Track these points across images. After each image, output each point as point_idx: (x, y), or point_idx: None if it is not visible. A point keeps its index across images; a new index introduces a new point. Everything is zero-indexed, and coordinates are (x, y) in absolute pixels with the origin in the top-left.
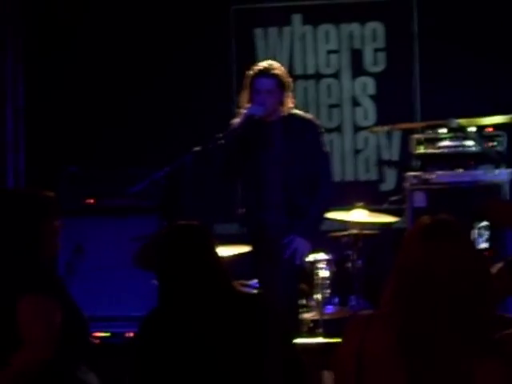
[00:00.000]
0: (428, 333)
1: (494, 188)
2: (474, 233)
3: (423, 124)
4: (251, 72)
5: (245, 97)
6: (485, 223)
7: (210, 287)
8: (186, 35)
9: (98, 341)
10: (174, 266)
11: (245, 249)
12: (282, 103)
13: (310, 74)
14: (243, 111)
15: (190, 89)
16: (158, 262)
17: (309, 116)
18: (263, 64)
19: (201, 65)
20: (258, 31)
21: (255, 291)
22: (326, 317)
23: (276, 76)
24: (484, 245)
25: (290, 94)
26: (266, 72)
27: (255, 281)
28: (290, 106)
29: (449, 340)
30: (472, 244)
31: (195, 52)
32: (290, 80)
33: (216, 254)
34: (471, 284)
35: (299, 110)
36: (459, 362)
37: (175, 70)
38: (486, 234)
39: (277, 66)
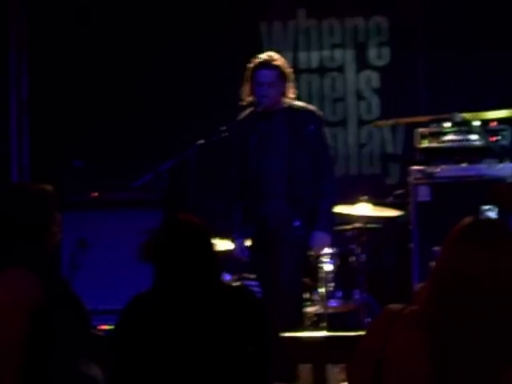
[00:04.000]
0: (459, 335)
1: (498, 182)
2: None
3: (427, 118)
4: (252, 64)
5: (246, 89)
6: (490, 206)
7: (198, 282)
8: (191, 30)
9: (102, 333)
10: (168, 259)
11: (246, 242)
12: (283, 94)
13: (315, 68)
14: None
15: (194, 83)
16: (153, 253)
17: (311, 107)
18: (263, 56)
19: (205, 58)
20: (263, 25)
21: (240, 284)
22: (329, 310)
23: (277, 67)
24: None
25: (292, 84)
26: (266, 64)
27: (254, 275)
28: (292, 96)
29: (479, 345)
30: None
31: (199, 46)
32: (290, 70)
33: (211, 250)
34: (509, 288)
35: (302, 101)
36: (486, 368)
37: (179, 64)
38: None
39: (277, 58)
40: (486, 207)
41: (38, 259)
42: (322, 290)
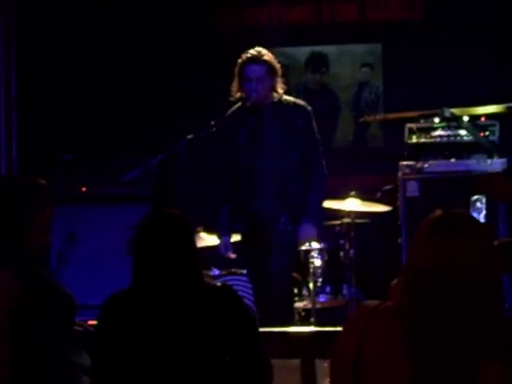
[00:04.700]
0: (434, 329)
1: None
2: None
3: (416, 113)
4: (240, 60)
5: (235, 85)
6: (478, 196)
7: (176, 277)
8: (179, 26)
9: (91, 328)
10: (147, 252)
11: (236, 237)
12: (272, 89)
13: (304, 63)
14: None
15: (182, 78)
16: (132, 246)
17: (300, 102)
18: (252, 51)
19: (192, 53)
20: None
21: (222, 284)
22: (318, 305)
23: (266, 62)
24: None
25: (280, 79)
26: (255, 59)
27: (245, 270)
28: (281, 91)
29: (455, 337)
30: (485, 239)
31: (188, 42)
32: (279, 66)
33: (191, 245)
34: (480, 281)
35: (291, 96)
36: (464, 361)
37: (167, 59)
38: (483, 208)
39: (266, 53)
40: (475, 197)
41: (13, 254)
42: (310, 285)
